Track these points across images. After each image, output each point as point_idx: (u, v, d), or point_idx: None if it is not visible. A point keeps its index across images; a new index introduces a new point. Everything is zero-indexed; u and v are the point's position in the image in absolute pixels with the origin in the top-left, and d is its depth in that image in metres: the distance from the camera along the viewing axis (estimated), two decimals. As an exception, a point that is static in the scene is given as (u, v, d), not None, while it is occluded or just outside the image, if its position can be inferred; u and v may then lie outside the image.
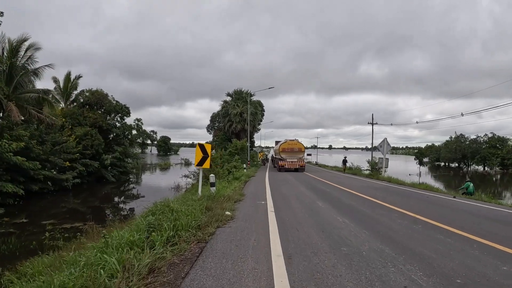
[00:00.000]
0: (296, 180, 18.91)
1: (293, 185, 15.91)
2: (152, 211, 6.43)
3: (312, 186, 15.39)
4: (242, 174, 20.96)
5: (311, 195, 11.71)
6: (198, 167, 9.30)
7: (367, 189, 14.77)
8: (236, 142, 37.18)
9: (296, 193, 12.09)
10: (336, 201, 10.32)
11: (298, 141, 28.63)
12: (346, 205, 9.27)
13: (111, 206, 21.74)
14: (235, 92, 47.87)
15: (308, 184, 16.44)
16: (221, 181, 16.32)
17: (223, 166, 31.55)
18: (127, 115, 35.35)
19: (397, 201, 10.52)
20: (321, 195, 11.66)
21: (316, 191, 12.97)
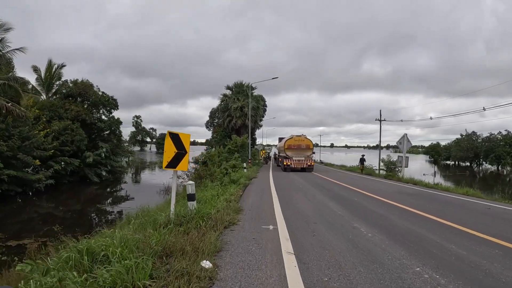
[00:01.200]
0: (309, 184, 15.45)
1: (308, 191, 12.42)
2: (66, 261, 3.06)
3: (334, 194, 11.89)
4: (241, 176, 17.55)
5: (340, 210, 8.23)
6: (169, 169, 5.79)
7: (401, 196, 11.32)
8: (236, 138, 33.72)
9: (318, 207, 8.62)
10: (381, 221, 6.84)
11: (306, 137, 25.17)
12: (399, 229, 5.83)
13: (86, 212, 18.32)
14: (235, 85, 44.32)
15: (327, 191, 12.96)
16: (214, 185, 12.90)
17: (220, 165, 28.13)
18: (115, 108, 31.90)
19: (455, 216, 7.27)
20: (355, 210, 8.19)
21: (344, 203, 9.47)
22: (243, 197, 9.87)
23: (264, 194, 10.89)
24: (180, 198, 12.05)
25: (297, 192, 11.84)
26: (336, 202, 9.55)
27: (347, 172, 27.31)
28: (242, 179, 14.83)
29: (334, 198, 10.50)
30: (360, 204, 9.25)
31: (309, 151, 24.96)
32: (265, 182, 15.59)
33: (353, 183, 16.28)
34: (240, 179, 14.24)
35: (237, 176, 15.58)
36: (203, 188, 12.92)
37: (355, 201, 9.98)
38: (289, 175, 20.66)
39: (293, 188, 12.97)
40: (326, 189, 13.29)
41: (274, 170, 26.28)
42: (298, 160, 24.39)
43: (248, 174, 18.87)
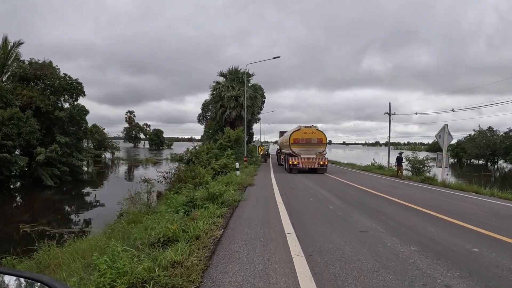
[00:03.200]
0: (341, 200, 9.53)
1: (354, 221, 6.58)
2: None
3: (422, 236, 6.24)
4: (231, 181, 11.96)
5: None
6: None
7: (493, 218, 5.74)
8: (229, 131, 28.07)
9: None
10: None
11: (317, 128, 19.57)
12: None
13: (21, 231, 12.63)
14: (229, 72, 38.44)
15: (380, 216, 7.26)
16: (169, 208, 7.34)
17: (209, 164, 22.52)
18: (81, 94, 26.12)
19: None
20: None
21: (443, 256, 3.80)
22: (218, 259, 4.14)
23: (271, 245, 5.13)
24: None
25: (334, 221, 6.15)
26: (428, 255, 3.89)
27: (370, 174, 21.74)
28: (231, 191, 9.23)
29: (417, 242, 4.82)
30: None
31: (322, 146, 19.38)
32: (267, 196, 9.91)
33: (414, 198, 10.60)
34: (226, 192, 8.61)
35: (223, 185, 9.95)
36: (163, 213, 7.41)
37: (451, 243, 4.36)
38: (301, 181, 15.07)
39: (325, 214, 7.32)
40: (385, 215, 7.57)
41: (277, 171, 20.69)
42: (308, 158, 18.82)
43: (242, 178, 13.26)
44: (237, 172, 14.89)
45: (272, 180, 14.33)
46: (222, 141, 27.15)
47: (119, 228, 7.51)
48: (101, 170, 35.38)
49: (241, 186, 11.52)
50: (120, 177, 31.77)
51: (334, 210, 7.26)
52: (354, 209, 7.41)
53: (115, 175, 35.06)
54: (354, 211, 7.14)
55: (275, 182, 13.39)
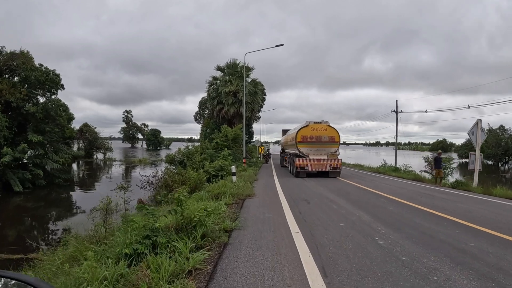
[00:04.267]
0: (387, 226, 6.37)
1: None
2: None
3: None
4: (225, 191, 9.05)
5: None
6: None
7: None
8: (226, 129, 25.19)
9: None
10: None
11: (329, 124, 16.64)
12: None
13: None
14: (227, 66, 35.43)
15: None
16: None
17: (202, 166, 19.64)
18: (58, 87, 23.20)
19: None
20: None
21: None
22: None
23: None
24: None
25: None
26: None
27: (390, 178, 18.79)
28: (221, 208, 6.33)
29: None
30: None
31: (334, 145, 16.48)
32: (275, 218, 6.90)
33: (481, 217, 7.68)
34: (213, 213, 5.67)
35: (210, 200, 7.05)
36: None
37: None
38: (314, 189, 12.15)
39: (382, 262, 4.44)
40: (485, 262, 4.71)
41: (281, 175, 17.81)
42: (318, 159, 15.92)
43: (239, 186, 10.34)
44: (233, 178, 11.98)
45: (278, 188, 11.42)
46: (218, 140, 24.27)
47: (47, 270, 4.75)
48: (88, 173, 32.36)
49: (237, 199, 8.61)
50: (105, 181, 28.78)
51: (390, 250, 4.33)
52: (421, 246, 4.49)
53: (101, 177, 32.07)
54: (425, 252, 4.24)
55: (281, 192, 10.48)
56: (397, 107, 37.77)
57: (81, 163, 51.81)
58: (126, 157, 61.98)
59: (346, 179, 16.11)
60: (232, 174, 12.16)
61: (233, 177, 12.04)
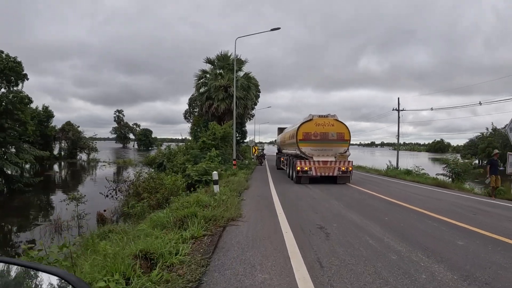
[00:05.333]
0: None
1: None
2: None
3: None
4: (196, 212, 5.92)
5: None
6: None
7: None
8: (214, 126, 22.04)
9: None
10: None
11: (337, 118, 13.54)
12: None
13: None
14: (218, 58, 32.11)
15: None
16: None
17: (184, 170, 16.51)
18: (19, 78, 19.80)
19: None
20: None
21: None
22: None
23: None
24: None
25: None
26: None
27: (409, 184, 15.76)
28: (184, 249, 3.20)
29: None
30: None
31: (343, 144, 13.41)
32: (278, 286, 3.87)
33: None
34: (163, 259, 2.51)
35: (176, 225, 3.93)
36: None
37: None
38: (325, 202, 9.02)
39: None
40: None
41: (278, 181, 14.73)
42: (324, 162, 12.86)
43: (220, 203, 7.19)
44: (215, 188, 8.82)
45: (275, 204, 8.27)
46: (205, 139, 21.08)
47: None
48: (64, 175, 28.79)
49: (214, 227, 5.48)
50: (79, 184, 25.19)
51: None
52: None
53: (77, 180, 28.42)
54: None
55: (281, 210, 7.35)
56: (398, 105, 34.97)
57: (64, 164, 48.28)
58: (113, 157, 58.34)
59: (358, 185, 13.05)
60: (214, 182, 8.99)
61: (215, 187, 8.88)
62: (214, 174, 9.02)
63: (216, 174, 9.00)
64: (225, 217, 6.07)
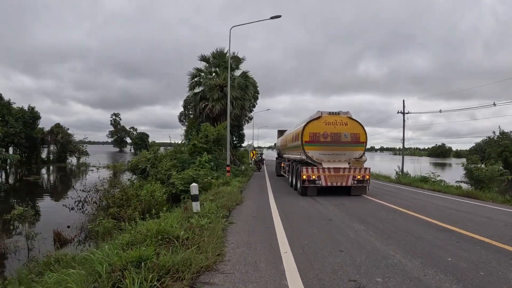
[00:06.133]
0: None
1: None
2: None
3: None
4: (147, 255, 3.51)
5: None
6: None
7: None
8: (206, 127, 19.66)
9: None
10: None
11: (350, 116, 11.16)
12: None
13: None
14: (213, 56, 29.71)
15: None
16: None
17: (168, 177, 14.16)
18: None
19: None
20: None
21: None
22: None
23: None
24: None
25: None
26: None
27: (435, 195, 13.31)
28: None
29: None
30: None
31: (359, 148, 11.01)
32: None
33: None
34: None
35: None
36: None
37: None
38: (350, 232, 6.53)
39: None
40: None
41: (279, 192, 12.31)
42: (336, 169, 10.46)
43: (197, 232, 4.77)
44: (194, 205, 6.41)
45: (277, 233, 5.79)
46: (196, 142, 18.67)
47: None
48: (37, 181, 26.20)
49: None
50: (55, 191, 22.46)
51: None
52: None
53: (55, 187, 25.73)
54: None
55: (287, 247, 4.90)
56: (404, 108, 32.86)
57: (53, 169, 45.73)
58: (107, 162, 55.77)
59: (377, 197, 10.64)
60: (192, 198, 6.55)
61: (194, 204, 6.45)
62: (192, 187, 6.56)
63: (195, 188, 6.54)
64: (195, 264, 3.64)
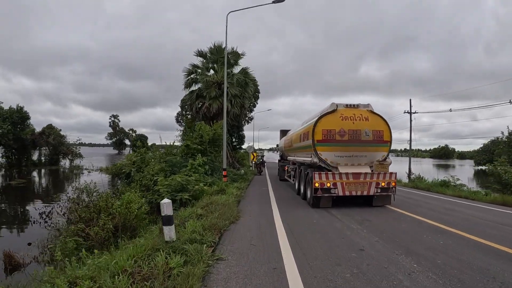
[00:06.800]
0: None
1: None
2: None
3: None
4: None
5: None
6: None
7: None
8: (201, 126, 17.68)
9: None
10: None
11: (371, 109, 9.15)
12: None
13: None
14: (211, 51, 27.60)
15: None
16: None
17: (154, 182, 12.19)
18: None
19: None
20: None
21: None
22: None
23: None
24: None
25: None
26: None
27: (464, 202, 11.27)
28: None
29: None
30: None
31: (382, 148, 8.98)
32: None
33: None
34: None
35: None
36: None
37: None
38: (404, 278, 4.46)
39: None
40: None
41: (284, 201, 10.28)
42: (356, 174, 8.43)
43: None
44: (166, 232, 4.39)
45: (289, 278, 3.76)
46: (189, 142, 16.64)
47: None
48: (20, 185, 24.09)
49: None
50: (31, 198, 20.23)
51: None
52: None
53: (36, 193, 23.46)
54: None
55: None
56: (410, 107, 31.05)
57: (45, 171, 43.71)
58: (102, 164, 53.73)
59: (405, 209, 8.60)
60: (164, 221, 4.49)
61: (166, 230, 4.41)
62: (163, 205, 4.49)
63: (167, 205, 4.46)
64: None
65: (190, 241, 4.64)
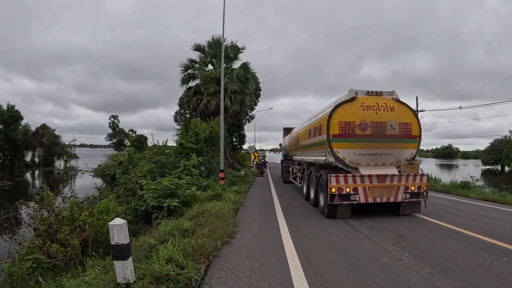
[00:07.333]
0: None
1: None
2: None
3: None
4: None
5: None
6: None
7: None
8: (196, 122, 16.11)
9: None
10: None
11: (397, 98, 7.58)
12: None
13: None
14: (209, 45, 25.95)
15: None
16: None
17: (139, 186, 10.58)
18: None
19: None
20: None
21: None
22: None
23: None
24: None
25: None
26: None
27: (493, 207, 9.68)
28: None
29: None
30: None
31: (411, 145, 7.39)
32: None
33: None
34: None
35: None
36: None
37: None
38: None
39: None
40: None
41: (291, 213, 8.66)
42: (380, 177, 6.83)
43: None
44: (120, 272, 2.81)
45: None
46: (183, 141, 15.07)
47: None
48: (4, 188, 22.59)
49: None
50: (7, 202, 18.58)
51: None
52: None
53: (24, 195, 22.01)
54: None
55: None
56: (417, 105, 29.44)
57: (38, 173, 42.27)
58: (95, 165, 52.18)
59: (440, 219, 6.99)
60: (115, 254, 2.92)
61: (118, 267, 2.85)
62: (113, 228, 2.92)
63: (118, 229, 2.90)
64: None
65: (159, 282, 3.06)
